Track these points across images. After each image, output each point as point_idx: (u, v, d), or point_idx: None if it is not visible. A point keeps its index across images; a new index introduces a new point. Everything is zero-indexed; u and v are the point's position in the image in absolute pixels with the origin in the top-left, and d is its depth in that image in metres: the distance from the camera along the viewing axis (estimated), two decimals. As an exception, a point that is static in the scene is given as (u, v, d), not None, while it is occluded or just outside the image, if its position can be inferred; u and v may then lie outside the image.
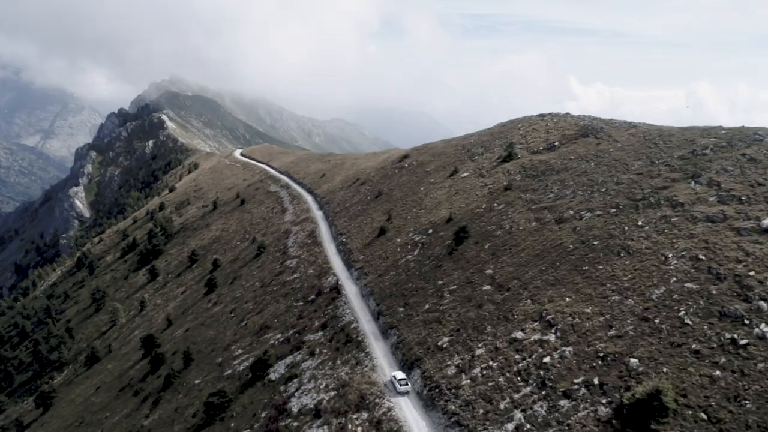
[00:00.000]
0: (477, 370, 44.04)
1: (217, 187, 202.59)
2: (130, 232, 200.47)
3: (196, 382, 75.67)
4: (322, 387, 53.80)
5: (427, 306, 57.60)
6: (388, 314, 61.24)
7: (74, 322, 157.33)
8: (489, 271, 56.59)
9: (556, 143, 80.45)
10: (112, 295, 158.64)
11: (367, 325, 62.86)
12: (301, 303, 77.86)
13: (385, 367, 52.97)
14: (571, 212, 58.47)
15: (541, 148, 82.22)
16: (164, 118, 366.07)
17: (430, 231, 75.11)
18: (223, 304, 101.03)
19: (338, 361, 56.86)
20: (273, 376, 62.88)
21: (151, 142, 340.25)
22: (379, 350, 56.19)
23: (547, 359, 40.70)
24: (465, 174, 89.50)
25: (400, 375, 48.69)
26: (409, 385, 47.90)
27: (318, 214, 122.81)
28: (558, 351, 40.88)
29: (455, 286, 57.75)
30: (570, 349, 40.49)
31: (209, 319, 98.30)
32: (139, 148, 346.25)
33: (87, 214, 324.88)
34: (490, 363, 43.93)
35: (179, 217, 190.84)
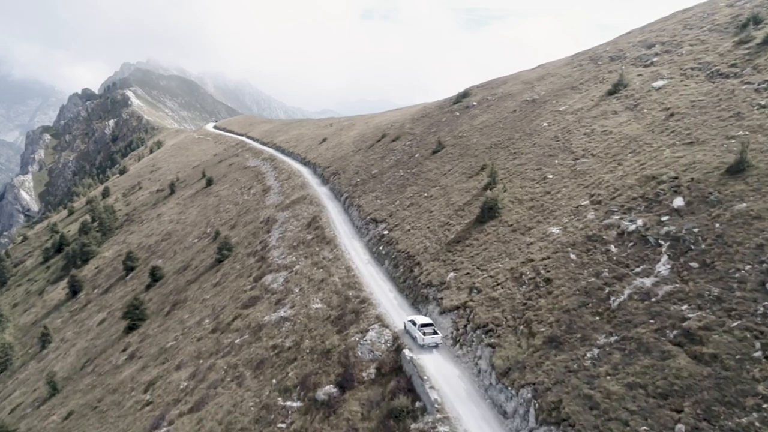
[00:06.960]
0: None
1: (179, 166, 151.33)
2: (61, 227, 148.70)
3: None
4: None
5: None
6: None
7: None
8: None
9: None
10: (15, 319, 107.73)
11: None
12: (297, 402, 28.41)
13: None
14: None
15: None
16: (129, 94, 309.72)
17: (695, 195, 25.63)
18: (143, 361, 51.24)
19: None
20: None
21: (112, 122, 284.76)
22: None
23: None
24: (661, 83, 40.14)
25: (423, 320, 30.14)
26: (440, 335, 28.73)
27: (321, 191, 73.08)
28: None
29: None
30: None
31: (109, 395, 48.55)
32: (98, 128, 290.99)
33: (35, 207, 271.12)
34: None
35: (126, 205, 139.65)
